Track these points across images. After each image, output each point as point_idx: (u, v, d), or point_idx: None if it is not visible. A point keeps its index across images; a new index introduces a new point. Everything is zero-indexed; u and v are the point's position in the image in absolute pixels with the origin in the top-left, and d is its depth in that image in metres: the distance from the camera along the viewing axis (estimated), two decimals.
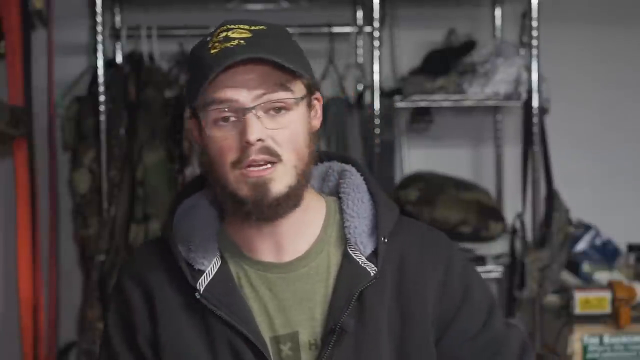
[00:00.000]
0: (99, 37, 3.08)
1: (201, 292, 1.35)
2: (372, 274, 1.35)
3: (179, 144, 3.09)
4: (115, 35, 3.30)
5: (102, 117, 3.07)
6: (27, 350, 2.93)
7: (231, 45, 1.28)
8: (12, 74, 2.90)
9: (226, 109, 1.29)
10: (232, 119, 1.30)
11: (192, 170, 3.06)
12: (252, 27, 1.31)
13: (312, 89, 1.36)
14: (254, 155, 1.28)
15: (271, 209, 1.32)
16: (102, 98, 3.07)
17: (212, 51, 1.29)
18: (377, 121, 3.13)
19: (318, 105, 1.39)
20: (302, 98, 1.32)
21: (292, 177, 1.31)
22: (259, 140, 1.28)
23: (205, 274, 1.36)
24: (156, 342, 1.37)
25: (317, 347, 1.36)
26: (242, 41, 1.28)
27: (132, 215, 3.07)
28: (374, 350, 1.35)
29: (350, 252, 1.37)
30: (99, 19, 3.08)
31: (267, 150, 1.29)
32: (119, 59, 3.29)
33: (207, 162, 1.35)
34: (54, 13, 3.30)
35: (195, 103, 1.31)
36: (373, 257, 1.37)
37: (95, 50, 3.10)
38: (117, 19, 3.43)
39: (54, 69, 3.28)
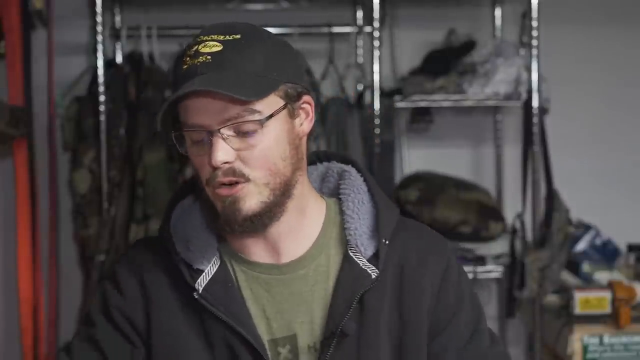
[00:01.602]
0: (99, 37, 3.08)
1: (200, 291, 1.34)
2: (373, 277, 1.34)
3: None
4: (115, 35, 3.30)
5: (102, 117, 3.07)
6: (27, 350, 2.93)
7: (198, 62, 1.28)
8: (12, 74, 2.90)
9: (196, 132, 1.31)
10: (204, 139, 1.31)
11: (192, 170, 3.05)
12: (226, 37, 1.30)
13: (296, 95, 1.33)
14: (221, 177, 1.30)
15: (243, 226, 1.31)
16: (102, 98, 3.08)
17: (184, 67, 1.30)
18: (377, 121, 3.13)
19: (309, 108, 1.37)
20: (270, 116, 1.29)
21: (264, 194, 1.31)
22: (225, 162, 1.29)
23: (204, 274, 1.36)
24: (148, 336, 1.37)
25: (316, 350, 1.35)
26: (208, 57, 1.28)
27: (132, 215, 3.08)
28: (374, 353, 1.35)
29: (351, 254, 1.36)
30: (99, 19, 3.08)
31: (234, 172, 1.29)
32: (119, 59, 3.29)
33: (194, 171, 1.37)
34: (54, 13, 3.30)
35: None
36: (374, 259, 1.36)
37: (95, 50, 3.10)
38: (117, 19, 3.43)
39: (54, 69, 3.28)
